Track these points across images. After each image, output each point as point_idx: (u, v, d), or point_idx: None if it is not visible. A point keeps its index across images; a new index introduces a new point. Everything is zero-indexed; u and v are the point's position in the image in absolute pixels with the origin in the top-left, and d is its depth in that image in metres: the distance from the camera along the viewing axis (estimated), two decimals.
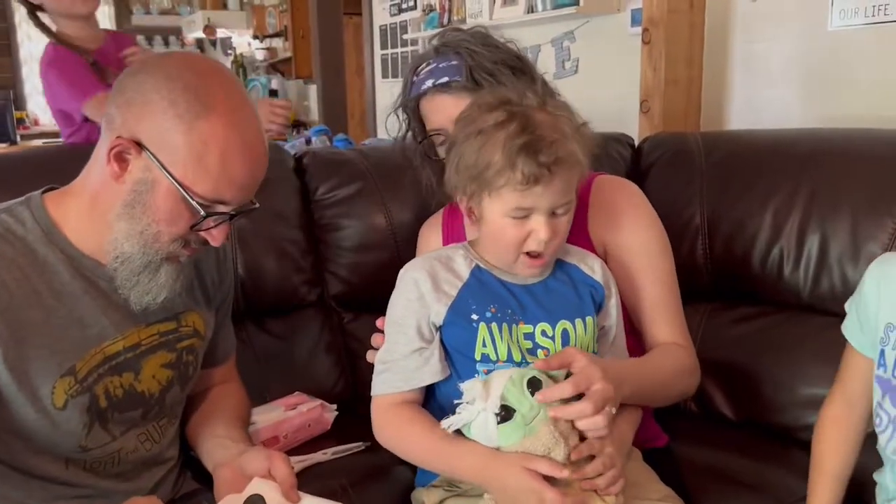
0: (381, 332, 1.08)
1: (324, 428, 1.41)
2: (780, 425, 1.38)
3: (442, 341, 1.01)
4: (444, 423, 0.93)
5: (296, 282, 1.54)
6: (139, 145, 0.91)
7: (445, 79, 1.17)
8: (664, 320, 1.17)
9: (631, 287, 1.17)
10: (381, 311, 1.08)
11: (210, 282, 1.15)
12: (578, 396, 0.91)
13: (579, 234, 1.19)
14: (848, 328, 1.05)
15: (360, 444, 1.35)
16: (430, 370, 0.99)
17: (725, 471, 1.24)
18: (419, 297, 1.01)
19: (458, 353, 1.00)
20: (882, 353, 0.98)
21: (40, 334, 0.93)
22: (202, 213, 0.93)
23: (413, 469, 1.15)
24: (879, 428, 0.98)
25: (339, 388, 1.54)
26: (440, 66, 1.19)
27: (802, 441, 1.32)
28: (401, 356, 1.01)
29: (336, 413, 1.44)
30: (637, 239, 1.18)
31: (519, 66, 1.21)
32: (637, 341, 1.18)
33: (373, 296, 1.60)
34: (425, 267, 1.03)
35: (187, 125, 0.89)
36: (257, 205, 1.00)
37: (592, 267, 1.07)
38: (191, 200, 0.92)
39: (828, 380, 1.32)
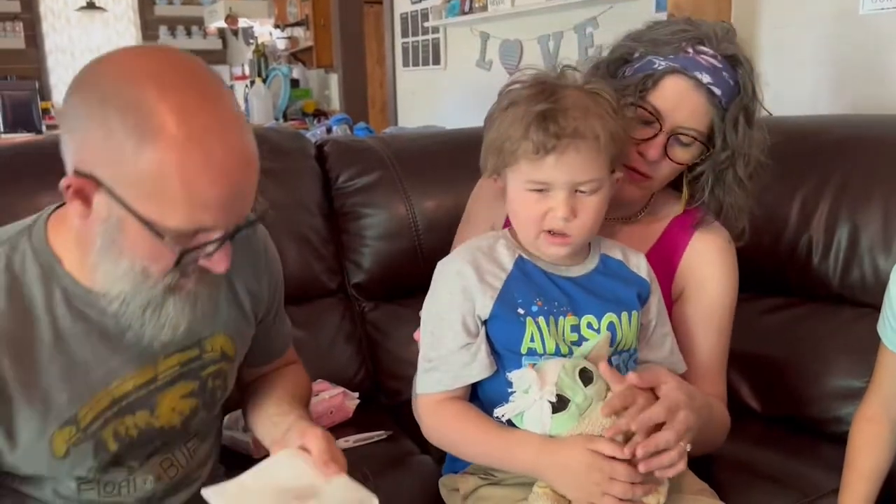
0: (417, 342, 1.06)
1: (345, 416, 1.41)
2: (808, 418, 1.35)
3: (487, 335, 0.98)
4: (498, 411, 0.92)
5: (317, 270, 1.54)
6: (95, 180, 0.77)
7: (718, 91, 1.07)
8: (713, 373, 1.15)
9: (692, 335, 1.15)
10: (402, 300, 1.07)
11: (246, 294, 1.01)
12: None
13: (666, 266, 1.17)
14: (881, 327, 1.03)
15: (383, 432, 1.35)
16: (479, 366, 0.97)
17: (752, 464, 1.22)
18: (463, 289, 0.98)
19: (503, 348, 0.98)
20: None
21: (32, 387, 0.84)
22: (177, 251, 0.79)
23: (437, 458, 1.14)
24: None
25: (360, 377, 1.54)
26: (723, 74, 1.07)
27: (831, 434, 1.31)
28: (448, 352, 0.98)
29: (358, 401, 1.44)
30: (715, 299, 1.16)
31: (754, 120, 1.13)
32: None
33: (393, 285, 1.60)
34: (468, 258, 1.00)
35: (134, 154, 0.74)
36: (266, 209, 0.87)
37: (639, 265, 1.06)
38: (162, 239, 0.77)
39: (857, 372, 1.30)
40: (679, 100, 1.08)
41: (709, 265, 1.17)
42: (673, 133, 1.08)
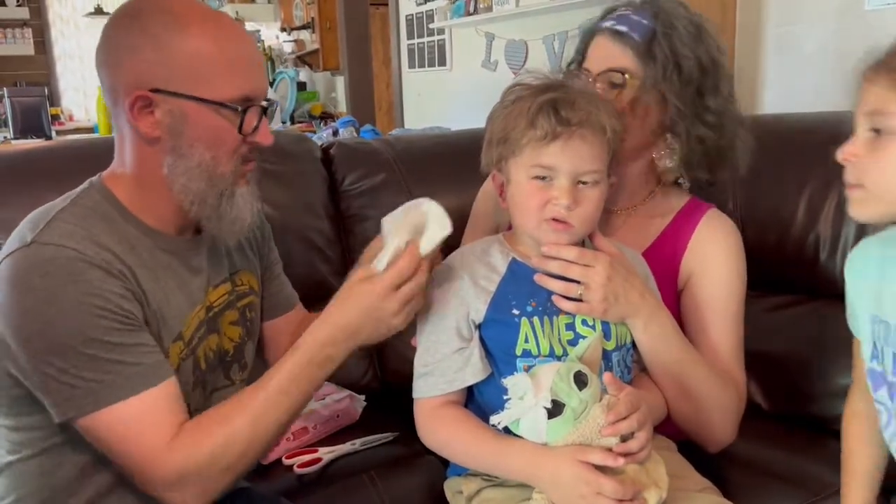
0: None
1: (352, 419, 1.42)
2: (814, 416, 1.35)
3: (481, 338, 1.00)
4: (494, 418, 0.92)
5: (323, 272, 1.55)
6: (152, 91, 0.92)
7: (625, 28, 1.14)
8: (726, 357, 1.15)
9: (701, 320, 1.16)
10: None
11: (253, 238, 1.17)
12: None
13: (670, 260, 1.18)
14: (849, 320, 1.02)
15: (389, 434, 1.36)
16: (472, 370, 0.98)
17: (759, 462, 1.22)
18: (457, 294, 1.00)
19: (498, 350, 0.99)
20: (875, 345, 0.94)
21: (150, 305, 0.95)
22: (238, 108, 0.93)
23: (443, 459, 1.14)
24: (882, 422, 0.95)
25: (367, 379, 1.55)
26: (632, 17, 1.15)
27: (837, 431, 1.29)
28: (442, 357, 0.99)
29: (364, 404, 1.44)
30: (722, 285, 1.17)
31: (709, 68, 1.16)
32: None
33: None
34: (461, 264, 1.02)
35: (176, 45, 0.91)
36: (274, 101, 1.05)
37: (633, 260, 1.06)
38: (222, 108, 0.93)
39: None
40: (597, 53, 1.17)
41: (714, 252, 1.17)
42: (599, 75, 1.14)
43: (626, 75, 1.13)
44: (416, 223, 0.96)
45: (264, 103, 0.97)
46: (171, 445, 0.90)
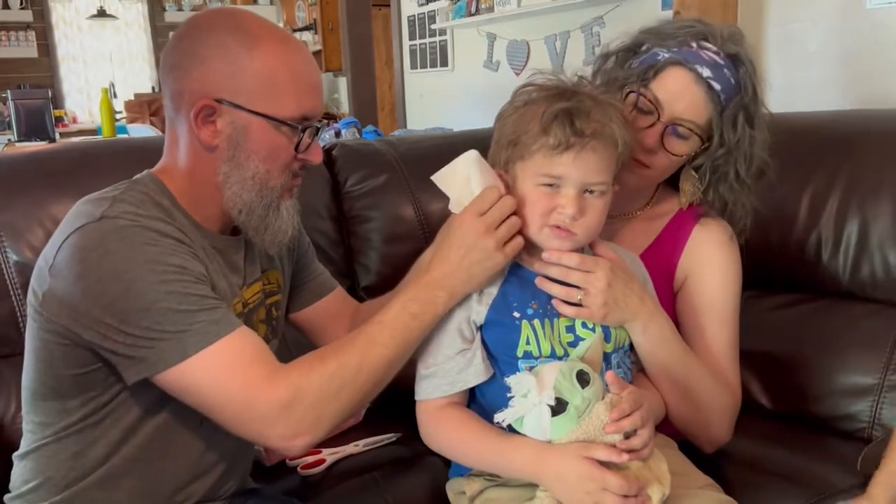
0: None
1: (356, 420, 1.42)
2: (817, 415, 1.35)
3: (482, 340, 1.00)
4: (498, 416, 0.92)
5: None
6: (217, 101, 0.94)
7: (718, 86, 1.08)
8: (721, 360, 1.15)
9: (696, 323, 1.16)
10: None
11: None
12: None
13: (667, 261, 1.18)
14: None
15: (392, 435, 1.36)
16: (474, 371, 0.99)
17: (762, 461, 1.22)
18: None
19: (500, 352, 0.99)
20: None
21: (211, 283, 0.97)
22: (300, 127, 0.97)
23: (446, 460, 1.15)
24: None
25: None
26: (724, 71, 1.09)
27: (840, 431, 1.30)
28: (444, 359, 1.00)
29: (367, 405, 1.44)
30: (717, 287, 1.17)
31: (757, 139, 1.14)
32: None
33: None
34: None
35: (246, 60, 0.94)
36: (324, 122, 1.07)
37: (632, 264, 1.07)
38: (283, 125, 0.96)
39: (868, 368, 1.30)
40: (679, 91, 1.10)
41: (709, 255, 1.18)
42: (671, 123, 1.10)
43: (704, 140, 1.11)
44: (465, 173, 1.00)
45: (318, 124, 1.00)
46: (276, 375, 0.90)
